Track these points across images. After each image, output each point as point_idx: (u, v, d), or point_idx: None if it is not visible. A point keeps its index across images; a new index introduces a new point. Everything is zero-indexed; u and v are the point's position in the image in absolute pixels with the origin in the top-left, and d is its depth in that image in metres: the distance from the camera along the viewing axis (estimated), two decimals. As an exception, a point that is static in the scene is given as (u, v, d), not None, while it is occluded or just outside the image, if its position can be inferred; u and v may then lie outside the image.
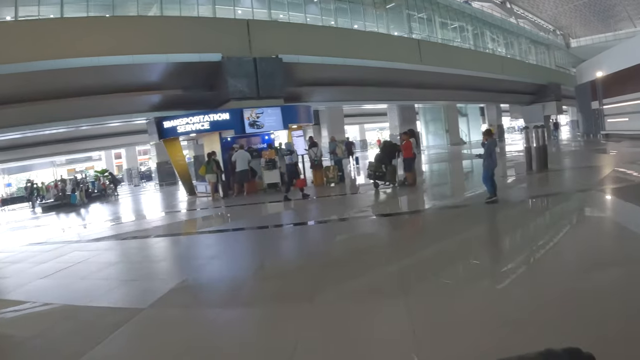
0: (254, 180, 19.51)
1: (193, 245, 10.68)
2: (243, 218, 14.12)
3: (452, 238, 8.31)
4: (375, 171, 15.82)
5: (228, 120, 19.52)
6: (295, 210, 14.18)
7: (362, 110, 47.26)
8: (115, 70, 19.66)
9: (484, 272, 6.42)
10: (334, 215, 12.27)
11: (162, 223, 14.73)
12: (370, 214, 11.93)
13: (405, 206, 13.31)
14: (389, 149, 16.01)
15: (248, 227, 11.76)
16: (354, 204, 14.03)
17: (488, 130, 11.42)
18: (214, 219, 14.87)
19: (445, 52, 33.38)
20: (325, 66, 24.52)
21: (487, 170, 10.89)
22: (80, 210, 23.65)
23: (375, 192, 15.46)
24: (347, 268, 6.95)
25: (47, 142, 38.09)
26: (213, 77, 21.61)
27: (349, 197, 15.77)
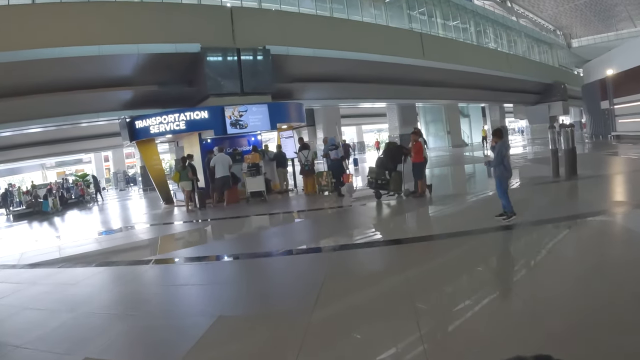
0: (236, 188, 16.66)
1: (139, 285, 7.78)
2: (214, 239, 11.34)
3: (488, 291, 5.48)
4: (376, 178, 13.00)
5: (207, 119, 16.76)
6: (280, 232, 11.15)
7: (359, 110, 44.55)
8: (80, 63, 16.95)
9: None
10: (324, 238, 9.44)
11: (117, 243, 11.78)
12: (372, 240, 8.88)
13: (415, 228, 10.21)
14: (393, 152, 13.14)
15: (216, 255, 8.97)
16: (351, 222, 11.13)
17: (498, 130, 8.66)
18: (183, 240, 11.96)
19: (449, 47, 30.60)
20: (319, 59, 21.71)
21: (501, 181, 8.28)
22: (49, 220, 20.86)
23: (377, 204, 12.63)
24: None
25: (35, 143, 35.60)
26: (192, 71, 18.83)
27: (346, 211, 12.80)
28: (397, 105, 32.75)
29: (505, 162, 8.18)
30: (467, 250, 7.11)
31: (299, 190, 17.98)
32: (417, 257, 7.10)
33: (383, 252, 7.63)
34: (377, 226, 10.50)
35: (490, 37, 38.72)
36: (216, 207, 15.86)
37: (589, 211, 9.04)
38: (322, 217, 12.30)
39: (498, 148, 8.22)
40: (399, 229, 9.87)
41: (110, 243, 11.79)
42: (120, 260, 9.41)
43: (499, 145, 8.27)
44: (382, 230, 9.90)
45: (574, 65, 61.70)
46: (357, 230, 9.92)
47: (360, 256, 7.57)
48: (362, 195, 14.17)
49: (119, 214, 20.23)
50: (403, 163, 12.99)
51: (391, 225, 10.51)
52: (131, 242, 11.64)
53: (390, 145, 13.82)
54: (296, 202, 15.71)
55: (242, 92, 18.50)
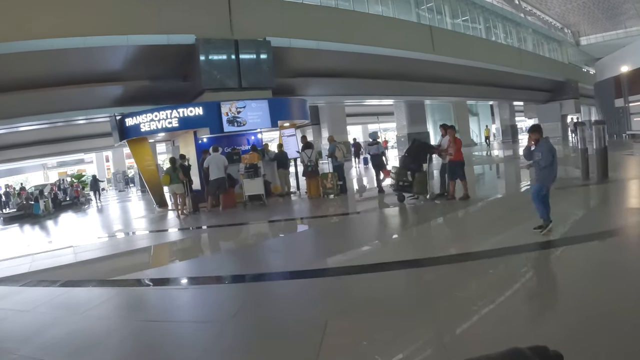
0: (232, 191, 15.13)
1: (97, 318, 6.24)
2: (198, 255, 9.79)
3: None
4: (398, 179, 11.43)
5: (202, 116, 15.28)
6: (278, 246, 9.32)
7: (365, 109, 42.88)
8: (65, 56, 15.55)
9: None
10: (328, 257, 7.62)
11: (91, 256, 10.15)
12: (384, 261, 6.64)
13: (440, 242, 8.03)
14: (418, 150, 11.55)
15: (195, 277, 7.43)
16: (362, 234, 9.38)
17: (537, 126, 7.09)
18: (161, 256, 10.38)
19: (460, 41, 28.94)
20: (323, 52, 20.17)
21: (543, 183, 6.84)
22: (38, 223, 19.40)
23: (399, 210, 11.06)
24: None
25: (34, 142, 34.59)
26: (186, 65, 17.34)
27: (354, 219, 11.19)
28: (405, 103, 31.09)
29: (555, 164, 6.65)
30: (507, 278, 5.51)
31: (301, 193, 16.45)
32: (443, 286, 5.42)
33: (399, 278, 6.00)
34: (392, 240, 8.78)
35: (499, 34, 37.14)
36: (210, 212, 14.34)
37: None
38: (328, 226, 10.60)
39: (547, 146, 6.68)
40: (417, 244, 8.10)
41: (84, 255, 10.18)
42: (87, 279, 7.85)
43: (545, 143, 6.73)
44: (398, 246, 8.13)
45: (584, 63, 60.17)
46: (370, 245, 8.20)
47: (374, 283, 5.88)
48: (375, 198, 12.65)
49: (108, 219, 18.70)
50: (429, 162, 11.45)
51: (409, 239, 8.70)
52: (106, 255, 10.03)
53: (415, 143, 12.15)
54: (299, 206, 14.16)
55: (240, 86, 16.97)
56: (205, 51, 16.56)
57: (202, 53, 16.52)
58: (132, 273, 7.83)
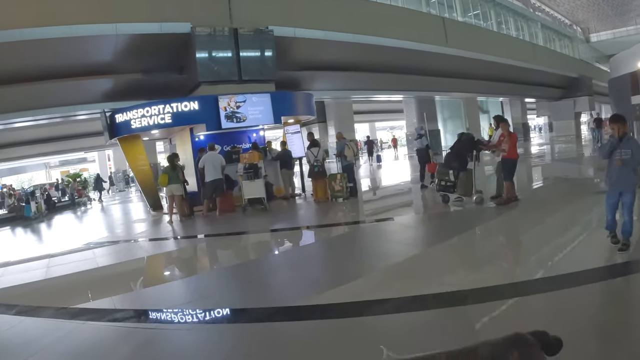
0: (231, 194, 13.54)
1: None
2: (179, 277, 8.12)
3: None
4: (440, 179, 10.04)
5: (197, 111, 13.68)
6: (278, 268, 7.42)
7: (373, 106, 41.10)
8: (50, 46, 14.05)
9: None
10: (338, 285, 5.68)
11: (59, 272, 8.59)
12: (419, 294, 4.86)
13: (486, 265, 5.85)
14: (463, 146, 9.95)
15: (171, 312, 5.79)
16: (387, 250, 7.35)
17: (618, 116, 5.32)
18: (134, 276, 8.79)
19: (473, 34, 27.22)
20: (330, 44, 18.51)
21: (632, 190, 5.21)
22: (27, 226, 18.07)
23: (444, 213, 9.55)
24: None
25: (35, 140, 33.19)
26: (181, 56, 15.79)
27: (371, 228, 9.28)
28: (415, 99, 29.33)
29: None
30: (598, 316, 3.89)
31: (307, 195, 14.84)
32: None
33: (439, 318, 4.37)
34: (426, 257, 6.73)
35: (511, 29, 35.41)
36: (206, 218, 12.76)
37: None
38: (341, 239, 8.88)
39: (637, 143, 5.06)
40: (462, 265, 6.14)
41: (56, 270, 8.63)
42: (47, 306, 6.26)
43: (633, 139, 5.13)
44: (434, 268, 6.05)
45: (594, 60, 58.38)
46: (400, 267, 6.12)
47: (407, 326, 4.25)
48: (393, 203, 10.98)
49: (97, 224, 17.14)
50: (475, 160, 9.84)
51: (447, 256, 6.65)
52: (78, 272, 8.32)
53: (462, 137, 10.45)
54: (304, 212, 12.52)
55: (240, 79, 15.39)
56: (201, 41, 15.00)
57: (198, 43, 14.95)
58: (98, 299, 6.24)
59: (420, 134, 13.88)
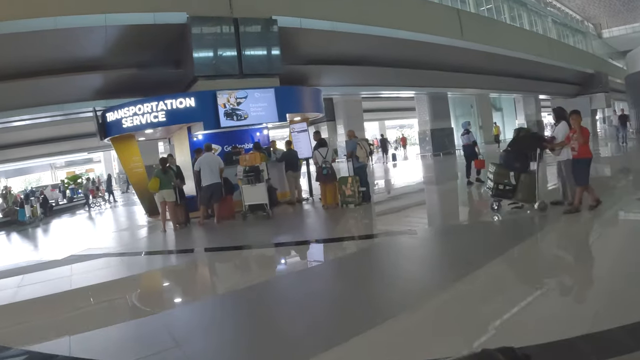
0: (230, 199, 12.11)
1: None
2: (156, 312, 6.66)
3: None
4: (497, 182, 8.32)
5: (194, 108, 12.38)
6: (283, 302, 5.91)
7: (383, 104, 39.40)
8: (35, 40, 12.68)
9: None
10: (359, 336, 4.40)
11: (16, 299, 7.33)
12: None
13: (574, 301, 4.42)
14: (525, 144, 8.38)
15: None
16: (421, 275, 5.81)
17: None
18: (96, 310, 7.29)
19: (489, 27, 25.63)
20: (339, 35, 17.02)
21: None
22: (19, 232, 16.80)
23: (495, 224, 8.04)
24: None
25: (41, 140, 32.52)
26: (178, 49, 14.37)
27: (396, 243, 7.73)
28: (427, 96, 27.72)
29: None
30: None
31: (315, 200, 13.40)
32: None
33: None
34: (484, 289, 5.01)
35: (525, 24, 33.80)
36: (202, 227, 11.35)
37: None
38: (354, 260, 7.02)
39: None
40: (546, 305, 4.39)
41: (16, 294, 7.22)
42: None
43: None
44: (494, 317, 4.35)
45: (608, 56, 56.56)
46: (450, 307, 4.48)
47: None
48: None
49: (88, 230, 15.81)
50: (538, 160, 8.19)
51: (518, 289, 4.91)
52: (35, 299, 6.88)
53: (522, 133, 8.86)
54: (312, 221, 11.06)
55: (241, 73, 13.94)
56: (198, 32, 13.57)
57: (195, 34, 13.52)
58: (46, 340, 4.82)
59: (467, 130, 13.30)
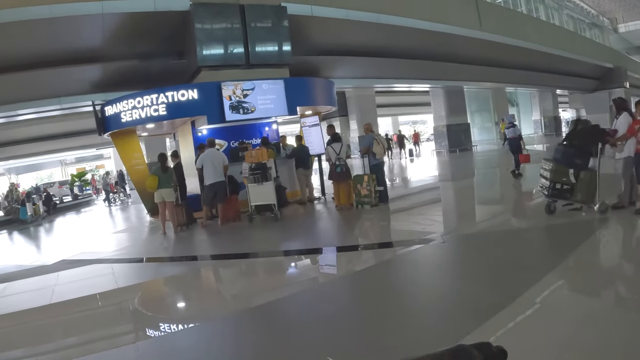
0: (236, 198, 11.09)
1: None
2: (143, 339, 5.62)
3: None
4: (554, 180, 7.20)
5: (196, 101, 11.31)
6: (283, 331, 4.93)
7: (396, 99, 38.14)
8: (30, 30, 11.76)
9: None
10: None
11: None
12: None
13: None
14: (585, 138, 7.22)
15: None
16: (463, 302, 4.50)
17: None
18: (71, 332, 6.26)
19: (508, 18, 24.35)
20: (352, 24, 15.89)
21: None
22: (19, 231, 16.10)
23: (557, 226, 6.93)
24: None
25: (51, 136, 31.27)
26: (181, 38, 13.34)
27: (428, 253, 6.53)
28: (443, 90, 26.47)
29: None
30: None
31: (327, 199, 12.35)
32: None
33: None
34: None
35: (542, 17, 32.49)
36: (205, 229, 10.36)
37: None
38: (373, 274, 5.83)
39: None
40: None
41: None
42: None
43: None
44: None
45: (625, 51, 54.93)
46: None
47: None
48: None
49: (86, 230, 14.82)
50: (599, 156, 7.01)
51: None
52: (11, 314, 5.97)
53: (580, 126, 7.68)
54: (324, 224, 10.00)
55: (248, 63, 12.88)
56: (202, 19, 12.51)
57: (199, 21, 12.46)
58: None
59: (512, 123, 13.09)
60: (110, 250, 9.64)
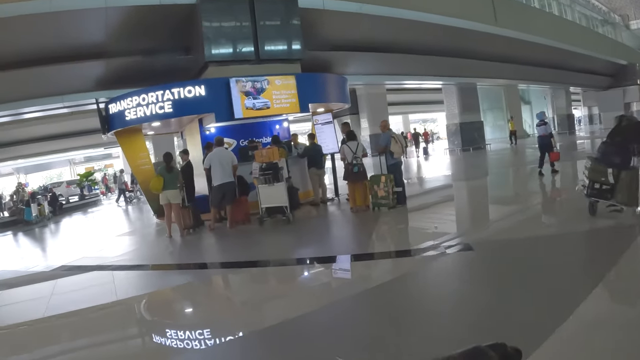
0: (245, 200, 10.47)
1: None
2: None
3: None
4: (593, 179, 6.72)
5: (204, 97, 10.66)
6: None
7: (407, 97, 37.27)
8: (30, 25, 11.24)
9: None
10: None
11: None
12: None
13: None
14: (628, 135, 6.63)
15: None
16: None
17: None
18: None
19: (524, 13, 23.54)
20: (365, 18, 15.23)
21: None
22: (23, 233, 15.59)
23: (597, 232, 6.39)
24: None
25: (59, 135, 30.87)
26: (187, 33, 12.73)
27: (464, 263, 5.92)
28: (456, 87, 25.71)
29: None
30: None
31: (341, 200, 11.69)
32: None
33: None
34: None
35: (554, 11, 31.66)
36: (213, 232, 9.75)
37: None
38: (395, 288, 5.13)
39: None
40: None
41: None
42: None
43: None
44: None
45: (638, 48, 53.90)
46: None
47: None
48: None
49: (91, 232, 14.21)
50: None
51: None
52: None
53: (624, 122, 6.90)
54: (339, 228, 9.35)
55: (258, 58, 12.26)
56: (210, 12, 11.91)
57: (206, 14, 11.86)
58: None
59: (544, 121, 12.45)
60: (113, 255, 9.01)
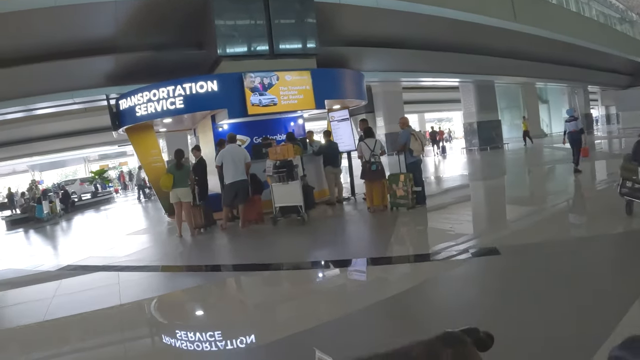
0: (258, 199, 10.07)
1: None
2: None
3: None
4: (625, 178, 6.43)
5: (216, 93, 10.30)
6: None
7: (423, 95, 36.80)
8: (37, 19, 10.89)
9: None
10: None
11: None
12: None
13: None
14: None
15: None
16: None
17: None
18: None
19: (543, 9, 22.83)
20: (382, 13, 14.67)
21: None
22: (34, 229, 15.55)
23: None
24: None
25: (74, 132, 31.09)
26: (199, 26, 12.35)
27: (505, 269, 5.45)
28: (473, 85, 25.11)
29: None
30: None
31: (357, 199, 11.24)
32: None
33: None
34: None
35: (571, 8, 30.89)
36: (225, 231, 9.37)
37: None
38: (418, 298, 4.75)
39: None
40: None
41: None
42: None
43: None
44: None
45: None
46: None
47: None
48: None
49: (100, 231, 13.89)
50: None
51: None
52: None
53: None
54: (357, 228, 8.87)
55: (272, 53, 11.84)
56: (222, 5, 11.51)
57: (219, 8, 11.47)
58: None
59: (574, 117, 12.39)
60: (120, 255, 8.64)
